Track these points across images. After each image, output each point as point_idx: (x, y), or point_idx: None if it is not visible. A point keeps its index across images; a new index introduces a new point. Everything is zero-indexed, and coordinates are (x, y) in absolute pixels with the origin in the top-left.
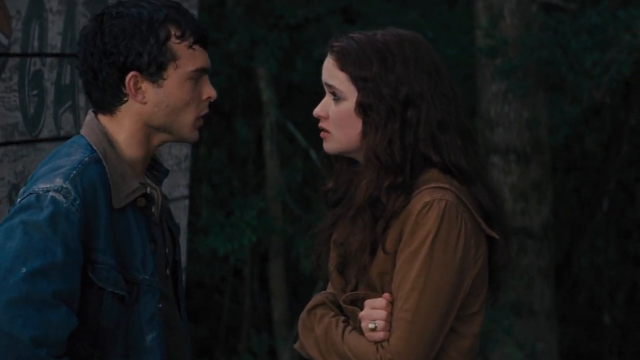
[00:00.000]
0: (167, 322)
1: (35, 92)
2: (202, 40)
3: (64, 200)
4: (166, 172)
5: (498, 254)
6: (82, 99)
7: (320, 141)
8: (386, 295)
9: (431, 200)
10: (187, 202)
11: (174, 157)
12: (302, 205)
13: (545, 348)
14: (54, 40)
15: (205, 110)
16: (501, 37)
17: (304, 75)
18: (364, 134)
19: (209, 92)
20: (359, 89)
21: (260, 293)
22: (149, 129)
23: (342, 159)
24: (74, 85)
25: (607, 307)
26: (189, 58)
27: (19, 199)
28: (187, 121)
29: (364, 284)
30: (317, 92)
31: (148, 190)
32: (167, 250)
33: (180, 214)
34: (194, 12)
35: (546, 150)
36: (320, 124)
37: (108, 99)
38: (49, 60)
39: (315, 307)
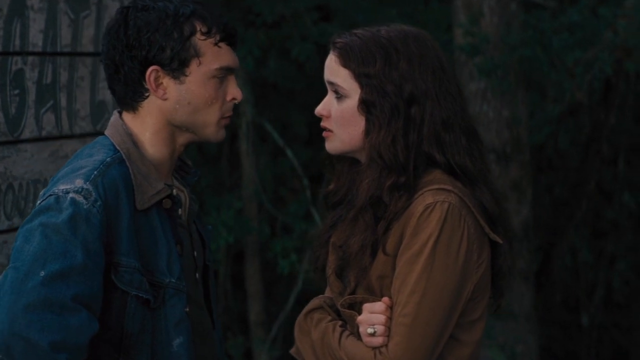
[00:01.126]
0: (196, 328)
1: (16, 91)
2: (229, 38)
3: (84, 201)
4: (196, 174)
5: (501, 258)
6: (64, 99)
7: (296, 140)
8: (385, 299)
9: (434, 202)
10: None
11: None
12: (279, 205)
13: (524, 350)
14: (36, 38)
15: (230, 112)
16: (481, 35)
17: (279, 74)
18: (367, 132)
19: (235, 92)
20: (362, 86)
21: (236, 294)
22: (172, 128)
23: (344, 160)
24: (55, 85)
25: (585, 308)
26: (213, 55)
27: (39, 201)
28: (210, 120)
29: (364, 287)
30: (293, 90)
31: (174, 191)
32: (195, 254)
33: None
34: None
35: (526, 150)
36: (323, 123)
37: (130, 94)
38: (30, 59)
39: (312, 310)
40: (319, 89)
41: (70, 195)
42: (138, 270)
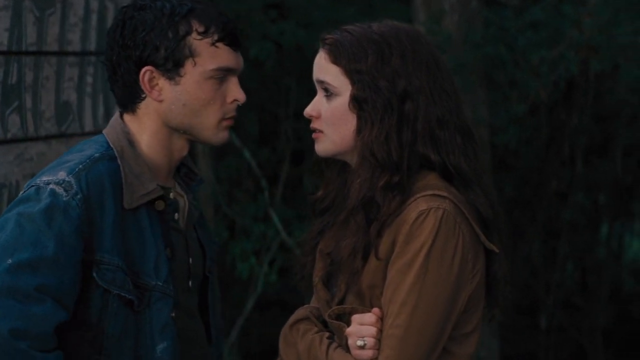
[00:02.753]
0: (183, 335)
1: None
2: (228, 38)
3: (63, 193)
4: (200, 182)
5: (496, 265)
6: (29, 100)
7: (256, 142)
8: (375, 310)
9: (427, 209)
10: None
11: None
12: (236, 207)
13: (488, 355)
14: (1, 37)
15: (232, 113)
16: (444, 33)
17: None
18: (359, 130)
19: (236, 94)
20: (353, 82)
21: None
22: (168, 130)
23: (333, 166)
24: (21, 85)
25: (543, 309)
26: (210, 56)
27: (21, 192)
28: (208, 123)
29: (353, 295)
30: (248, 89)
31: (171, 195)
32: (191, 261)
33: None
34: None
35: (487, 150)
36: (312, 125)
37: (127, 96)
38: None
39: (298, 321)
40: (273, 89)
41: (51, 186)
42: (121, 269)
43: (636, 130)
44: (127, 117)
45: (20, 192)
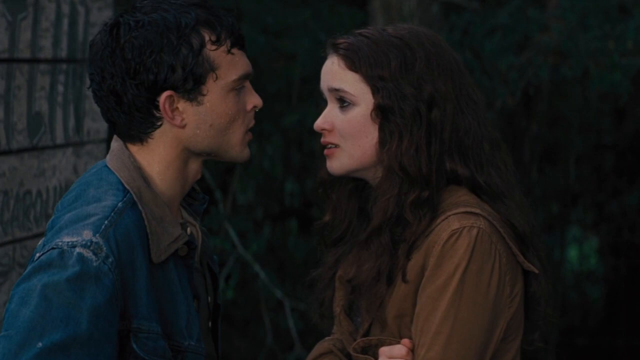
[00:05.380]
0: None
1: None
2: (239, 42)
3: (93, 257)
4: (205, 201)
5: (535, 285)
6: (1, 110)
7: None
8: (405, 341)
9: (460, 228)
10: None
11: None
12: None
13: None
14: None
15: (252, 123)
16: None
17: None
18: (382, 142)
19: (254, 100)
20: (376, 90)
21: None
22: (187, 155)
23: (341, 188)
24: None
25: None
26: (229, 65)
27: (37, 254)
28: (235, 139)
29: (378, 325)
30: None
31: (188, 230)
32: (209, 300)
33: None
34: (108, 11)
35: None
36: (325, 139)
37: (136, 126)
38: None
39: (320, 356)
40: None
41: (77, 249)
42: (161, 335)
43: (588, 138)
44: (133, 147)
45: (36, 254)
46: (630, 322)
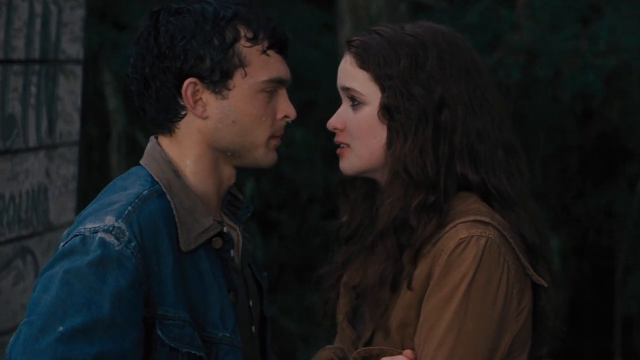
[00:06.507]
0: None
1: None
2: (278, 45)
3: (115, 242)
4: (248, 209)
5: (544, 299)
6: None
7: None
8: (407, 352)
9: (468, 237)
10: None
11: (62, 178)
12: None
13: None
14: None
15: (281, 132)
16: None
17: None
18: (389, 143)
19: (287, 109)
20: (383, 89)
21: None
22: (214, 153)
23: (359, 188)
24: None
25: None
26: (261, 65)
27: (61, 243)
28: (258, 142)
29: (381, 334)
30: None
31: (225, 229)
32: (251, 304)
33: None
34: (81, 11)
35: None
36: (337, 138)
37: (162, 114)
38: None
39: None
40: None
41: (99, 234)
42: (189, 323)
43: (554, 139)
44: (164, 141)
45: (61, 243)
46: (594, 324)
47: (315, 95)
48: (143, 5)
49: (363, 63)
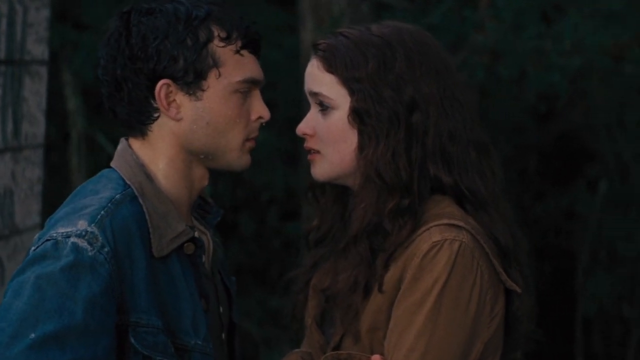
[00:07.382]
0: None
1: None
2: (252, 45)
3: (88, 247)
4: (218, 214)
5: (517, 304)
6: None
7: None
8: (376, 357)
9: (442, 240)
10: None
11: (28, 180)
12: None
13: None
14: None
15: (255, 133)
16: None
17: None
18: (361, 147)
19: (261, 110)
20: (352, 93)
21: None
22: (187, 156)
23: (329, 193)
24: None
25: None
26: (235, 65)
27: (32, 247)
28: (233, 144)
29: (351, 338)
30: None
31: (196, 234)
32: (221, 310)
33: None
34: (46, 11)
35: None
36: (307, 144)
37: (135, 116)
38: None
39: None
40: None
41: (72, 239)
42: (162, 330)
43: (513, 140)
44: (135, 143)
45: (32, 247)
46: (555, 327)
47: (276, 95)
48: (103, 6)
49: (330, 66)
